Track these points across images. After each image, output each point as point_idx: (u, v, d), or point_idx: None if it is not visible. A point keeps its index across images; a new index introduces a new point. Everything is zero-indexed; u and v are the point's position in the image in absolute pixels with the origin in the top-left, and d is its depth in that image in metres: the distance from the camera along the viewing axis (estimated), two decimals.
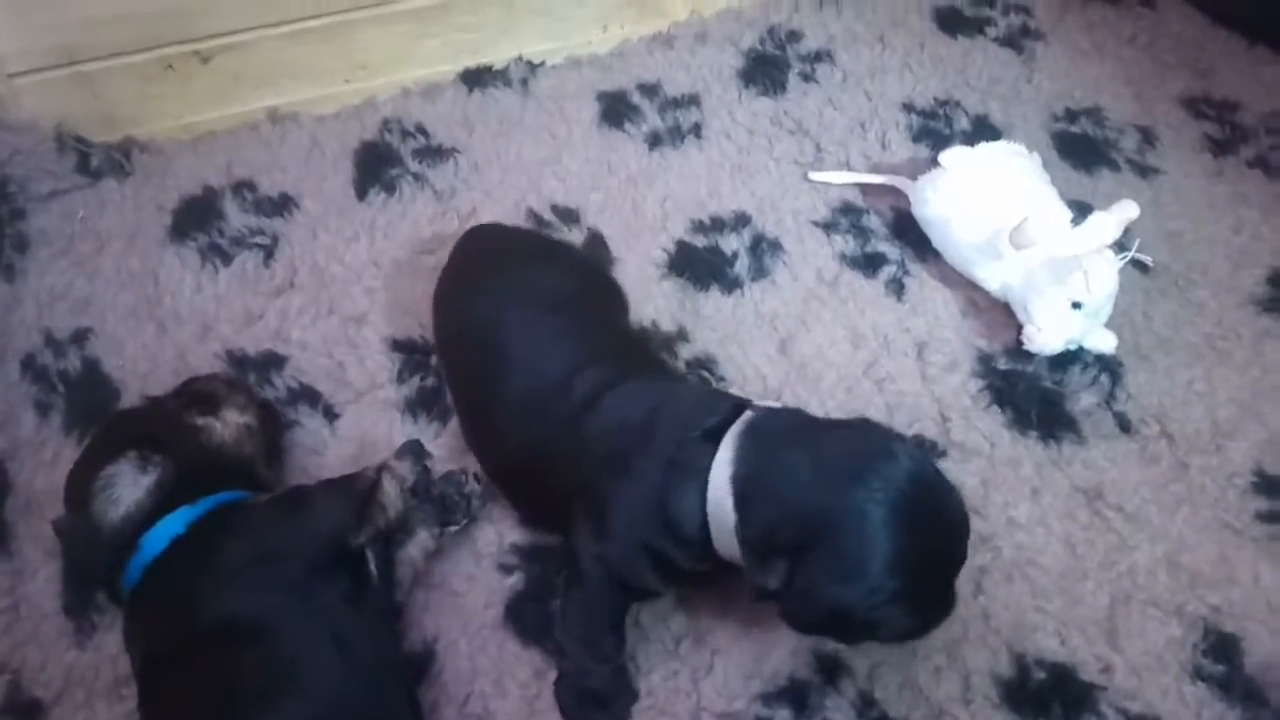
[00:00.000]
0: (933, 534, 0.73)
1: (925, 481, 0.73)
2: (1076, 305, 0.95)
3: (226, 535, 0.79)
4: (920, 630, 0.76)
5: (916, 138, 1.21)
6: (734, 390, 0.99)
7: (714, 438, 0.77)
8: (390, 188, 1.17)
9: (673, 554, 0.78)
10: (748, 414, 0.78)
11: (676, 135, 1.23)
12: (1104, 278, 0.94)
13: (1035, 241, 0.96)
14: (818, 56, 1.31)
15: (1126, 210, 0.98)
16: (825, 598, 0.71)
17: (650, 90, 1.28)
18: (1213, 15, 1.33)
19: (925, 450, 0.77)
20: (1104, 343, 0.98)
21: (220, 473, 0.85)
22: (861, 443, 0.75)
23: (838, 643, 0.81)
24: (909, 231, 1.10)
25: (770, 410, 0.79)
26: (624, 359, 0.86)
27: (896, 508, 0.70)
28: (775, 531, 0.73)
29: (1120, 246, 0.97)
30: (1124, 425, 0.94)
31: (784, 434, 0.76)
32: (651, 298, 1.07)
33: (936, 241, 1.06)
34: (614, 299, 0.98)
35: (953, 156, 1.06)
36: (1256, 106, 1.22)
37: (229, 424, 0.89)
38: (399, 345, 1.03)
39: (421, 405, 0.98)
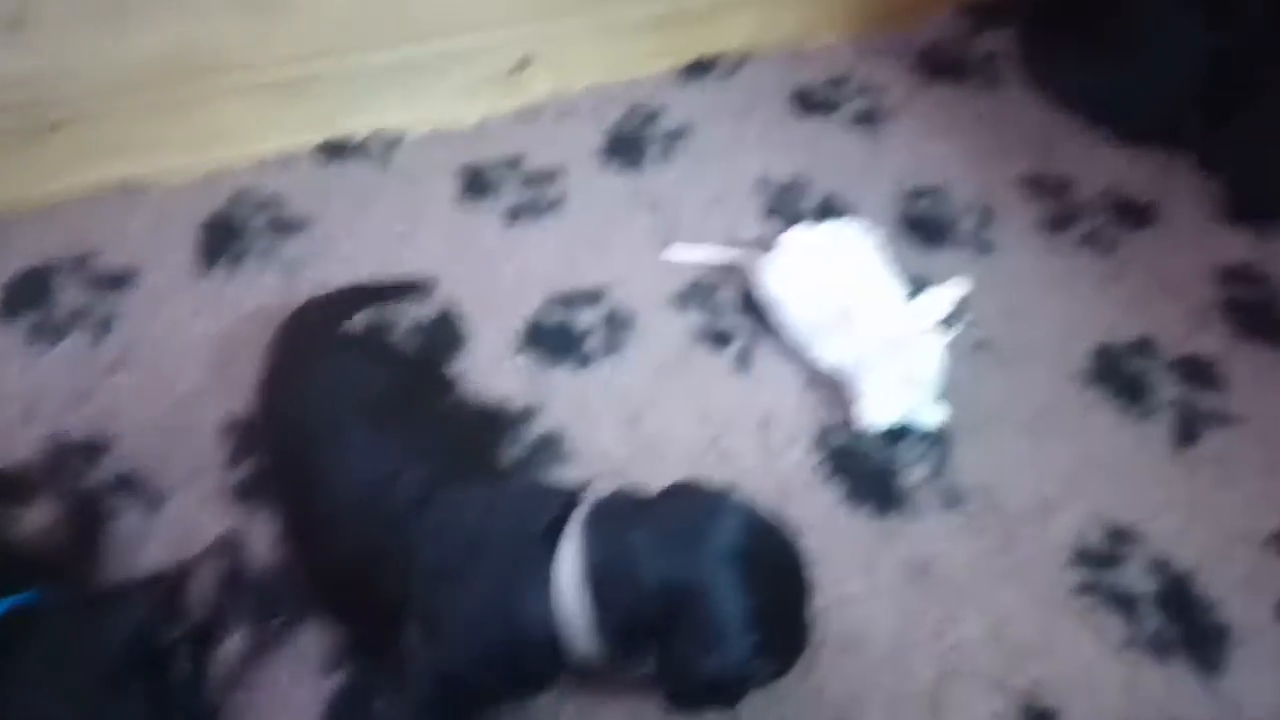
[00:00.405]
0: (777, 578, 0.76)
1: (757, 530, 0.76)
2: (906, 381, 0.97)
3: (17, 640, 0.74)
4: (786, 670, 0.78)
5: (769, 215, 1.24)
6: (581, 468, 0.99)
7: (553, 536, 0.76)
8: (237, 260, 1.15)
9: (522, 659, 0.77)
10: (583, 506, 0.78)
11: (536, 210, 1.24)
12: (931, 355, 0.97)
13: (866, 320, 0.99)
14: (677, 134, 1.34)
15: (957, 288, 1.02)
16: (698, 671, 0.72)
17: (512, 164, 1.29)
18: (1051, 98, 1.40)
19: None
20: (935, 417, 1.01)
21: (26, 568, 0.81)
22: (691, 509, 0.76)
23: (722, 708, 0.80)
24: (757, 307, 1.12)
25: (603, 498, 0.79)
26: (449, 456, 0.85)
27: (738, 565, 0.73)
28: (635, 619, 0.74)
29: (956, 322, 1.01)
30: (953, 498, 0.97)
31: (622, 519, 0.77)
32: (504, 374, 1.07)
33: (776, 320, 1.08)
34: (437, 387, 0.98)
35: (791, 237, 1.09)
36: (1089, 186, 1.29)
37: (38, 516, 0.85)
38: (234, 426, 1.00)
39: (253, 490, 0.95)
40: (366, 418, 0.85)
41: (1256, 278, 1.16)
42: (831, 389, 1.05)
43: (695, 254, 1.18)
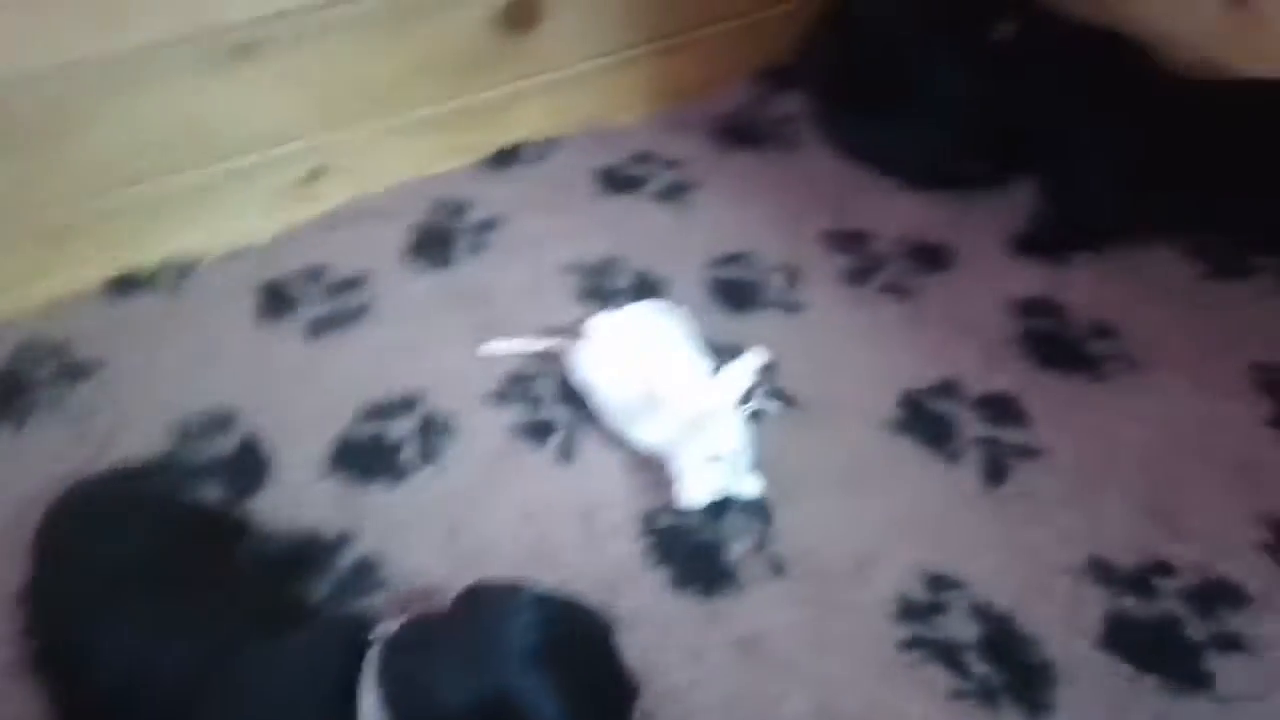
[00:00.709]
0: (584, 658, 0.74)
1: (553, 617, 0.74)
2: (714, 457, 0.97)
3: None
4: None
5: (583, 298, 1.24)
6: (401, 590, 0.95)
7: (349, 684, 0.73)
8: (21, 419, 1.09)
9: None
10: (378, 643, 0.75)
11: (341, 320, 1.21)
12: (732, 429, 0.97)
13: (670, 400, 0.99)
14: (485, 226, 1.33)
15: (756, 358, 1.03)
16: None
17: (313, 276, 1.26)
18: (845, 155, 1.45)
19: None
20: (752, 488, 1.01)
21: None
22: (484, 617, 0.74)
23: None
24: (575, 394, 1.11)
25: (396, 629, 0.76)
26: (239, 613, 0.81)
27: (541, 659, 0.71)
28: None
29: (757, 391, 1.02)
30: (777, 568, 0.96)
31: (417, 648, 0.74)
32: (312, 501, 1.03)
33: (592, 406, 1.08)
34: (228, 537, 0.93)
35: (596, 323, 1.09)
36: (887, 235, 1.33)
37: None
38: (19, 598, 0.92)
39: (28, 670, 0.87)
40: (137, 590, 0.80)
41: (1051, 309, 1.21)
42: (655, 470, 1.04)
43: (509, 346, 1.17)
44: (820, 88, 1.52)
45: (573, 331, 1.16)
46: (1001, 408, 1.10)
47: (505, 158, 1.42)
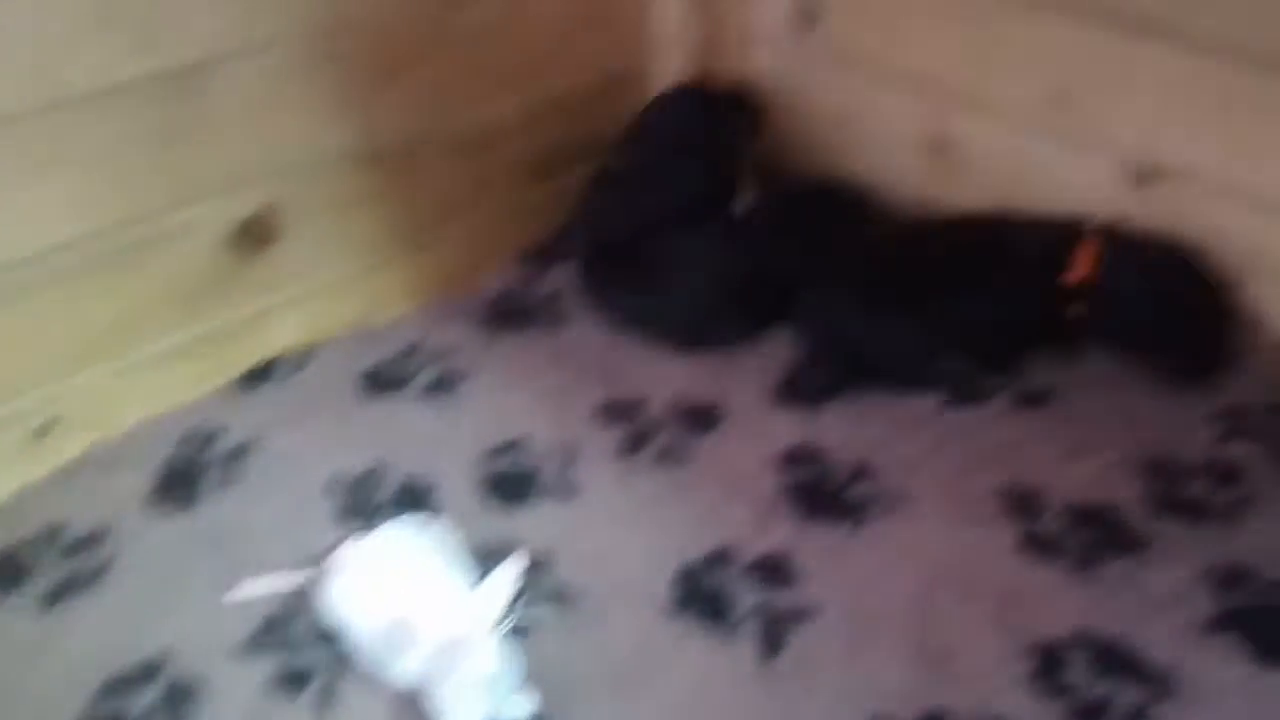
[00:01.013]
0: None
1: None
2: (477, 683, 0.92)
3: None
4: None
5: (344, 518, 1.18)
6: None
7: None
8: None
9: None
10: None
11: (79, 584, 1.11)
12: (490, 652, 0.92)
13: (425, 627, 0.94)
14: (237, 453, 1.26)
15: (516, 565, 0.99)
16: None
17: (49, 538, 1.16)
18: (614, 325, 1.47)
19: None
20: (519, 710, 0.95)
21: None
22: None
23: None
24: (332, 633, 1.04)
25: None
26: None
27: None
28: None
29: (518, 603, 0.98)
30: None
31: None
32: None
33: (348, 644, 1.01)
34: None
35: (344, 553, 1.04)
36: (659, 401, 1.33)
37: None
38: None
39: None
40: None
41: (810, 457, 1.22)
42: (418, 709, 0.97)
43: (260, 588, 1.09)
44: (583, 261, 1.55)
45: (327, 562, 1.09)
46: (773, 570, 1.09)
47: (257, 376, 1.37)
